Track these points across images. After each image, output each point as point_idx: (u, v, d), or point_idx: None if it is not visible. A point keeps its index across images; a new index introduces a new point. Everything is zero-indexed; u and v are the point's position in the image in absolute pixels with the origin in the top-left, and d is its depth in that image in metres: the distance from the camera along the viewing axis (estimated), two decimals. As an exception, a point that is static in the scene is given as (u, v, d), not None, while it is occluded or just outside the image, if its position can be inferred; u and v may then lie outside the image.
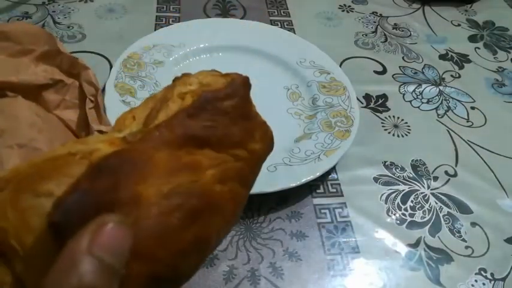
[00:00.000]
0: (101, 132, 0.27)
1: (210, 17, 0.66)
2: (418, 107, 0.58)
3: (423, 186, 0.49)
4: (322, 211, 0.45)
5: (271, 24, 0.65)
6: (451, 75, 0.64)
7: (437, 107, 0.59)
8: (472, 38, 0.71)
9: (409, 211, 0.46)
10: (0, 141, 0.22)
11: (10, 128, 0.24)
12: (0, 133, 0.23)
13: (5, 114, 0.25)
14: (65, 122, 0.28)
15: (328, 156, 0.46)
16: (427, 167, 0.51)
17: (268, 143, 0.24)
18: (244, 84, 0.23)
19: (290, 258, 0.41)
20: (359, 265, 0.42)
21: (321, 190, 0.47)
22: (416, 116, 0.57)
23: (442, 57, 0.66)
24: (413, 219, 0.46)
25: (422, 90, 0.60)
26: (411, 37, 0.69)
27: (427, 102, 0.59)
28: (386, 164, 0.50)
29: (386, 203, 0.47)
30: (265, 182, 0.43)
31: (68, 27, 0.60)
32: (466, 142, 0.55)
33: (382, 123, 0.55)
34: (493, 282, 0.42)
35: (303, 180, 0.44)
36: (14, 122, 0.25)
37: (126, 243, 0.16)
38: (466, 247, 0.44)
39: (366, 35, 0.68)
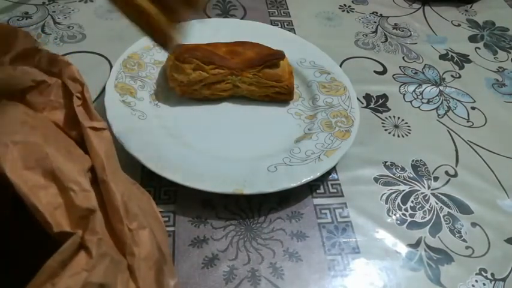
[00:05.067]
0: (93, 129, 0.26)
1: (210, 17, 0.65)
2: (419, 107, 0.58)
3: (423, 187, 0.49)
4: (323, 211, 0.45)
5: (272, 24, 0.65)
6: (451, 75, 0.64)
7: (438, 107, 0.59)
8: (472, 38, 0.71)
9: (410, 211, 0.46)
10: None
11: (0, 126, 0.23)
12: None
13: None
14: (55, 123, 0.28)
15: (329, 156, 0.46)
16: (427, 167, 0.51)
17: None
18: None
19: (290, 258, 0.41)
20: (359, 265, 0.42)
21: (321, 190, 0.47)
22: (416, 116, 0.57)
23: (442, 57, 0.66)
24: (414, 219, 0.46)
25: (423, 91, 0.60)
26: (411, 37, 0.69)
27: (428, 103, 0.59)
28: (387, 164, 0.50)
29: (386, 203, 0.47)
30: (266, 182, 0.43)
31: (68, 27, 0.60)
32: (466, 142, 0.55)
33: (382, 123, 0.55)
34: (493, 282, 0.42)
35: (304, 181, 0.44)
36: (3, 121, 0.24)
37: None
38: (467, 247, 0.44)
39: (366, 35, 0.68)
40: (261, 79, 0.51)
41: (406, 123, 0.56)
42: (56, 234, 0.22)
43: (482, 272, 0.42)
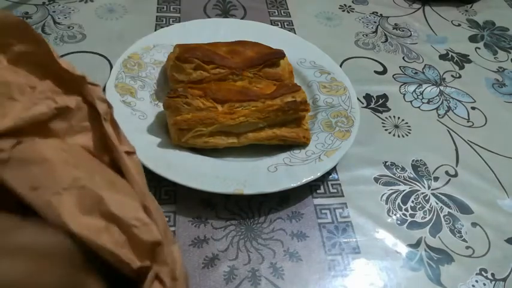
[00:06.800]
0: (127, 153, 0.26)
1: (210, 17, 0.65)
2: (419, 107, 0.58)
3: (424, 187, 0.49)
4: (323, 211, 0.45)
5: (272, 24, 0.65)
6: (452, 75, 0.64)
7: (438, 107, 0.59)
8: (473, 38, 0.71)
9: (410, 211, 0.46)
10: (41, 192, 0.22)
11: (46, 174, 0.23)
12: (38, 184, 0.22)
13: (35, 162, 0.24)
14: (85, 148, 0.27)
15: (329, 156, 0.46)
16: (427, 167, 0.51)
17: None
18: None
19: (291, 258, 0.41)
20: (360, 265, 0.42)
21: (322, 190, 0.47)
22: (416, 116, 0.57)
23: (443, 57, 0.66)
24: (414, 219, 0.46)
25: (423, 90, 0.60)
26: (411, 37, 0.69)
27: (428, 103, 0.59)
28: (387, 164, 0.50)
29: (386, 203, 0.47)
30: (266, 182, 0.43)
31: (68, 27, 0.60)
32: (466, 142, 0.55)
33: (382, 123, 0.55)
34: (493, 282, 0.42)
35: (304, 181, 0.44)
36: (47, 166, 0.23)
37: None
38: (467, 247, 0.44)
39: (366, 35, 0.68)
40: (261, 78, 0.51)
41: (406, 123, 0.56)
42: (135, 271, 0.22)
43: (483, 272, 0.42)
